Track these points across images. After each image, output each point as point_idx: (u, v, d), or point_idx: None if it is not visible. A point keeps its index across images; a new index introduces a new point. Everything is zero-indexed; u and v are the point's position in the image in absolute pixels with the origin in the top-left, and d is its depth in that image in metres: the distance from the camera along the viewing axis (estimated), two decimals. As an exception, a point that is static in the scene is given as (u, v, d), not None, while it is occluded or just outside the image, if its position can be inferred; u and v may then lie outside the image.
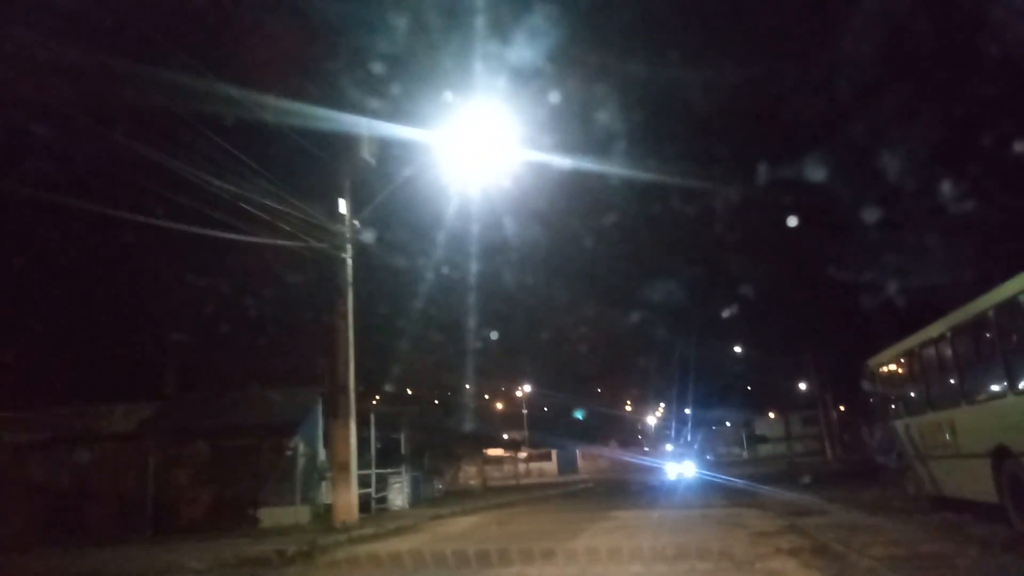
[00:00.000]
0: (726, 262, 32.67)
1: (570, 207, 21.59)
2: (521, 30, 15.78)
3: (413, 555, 8.91)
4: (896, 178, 18.07)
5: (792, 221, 22.29)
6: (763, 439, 61.97)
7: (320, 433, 15.16)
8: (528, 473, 49.38)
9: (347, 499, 12.09)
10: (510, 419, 56.28)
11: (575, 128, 17.97)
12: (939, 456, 9.77)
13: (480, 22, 13.39)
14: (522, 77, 14.98)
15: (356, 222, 13.02)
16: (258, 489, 14.45)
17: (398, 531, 12.44)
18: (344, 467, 12.13)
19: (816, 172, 17.95)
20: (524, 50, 15.57)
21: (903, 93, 19.36)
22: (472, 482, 30.21)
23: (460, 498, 22.46)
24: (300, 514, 14.03)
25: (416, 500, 19.77)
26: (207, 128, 10.67)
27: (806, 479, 16.26)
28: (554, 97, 15.64)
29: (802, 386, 46.73)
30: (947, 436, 9.28)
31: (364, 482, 16.29)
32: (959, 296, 9.39)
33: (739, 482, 22.78)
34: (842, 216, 21.75)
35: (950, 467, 9.44)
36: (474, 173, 13.71)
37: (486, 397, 59.56)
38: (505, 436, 52.36)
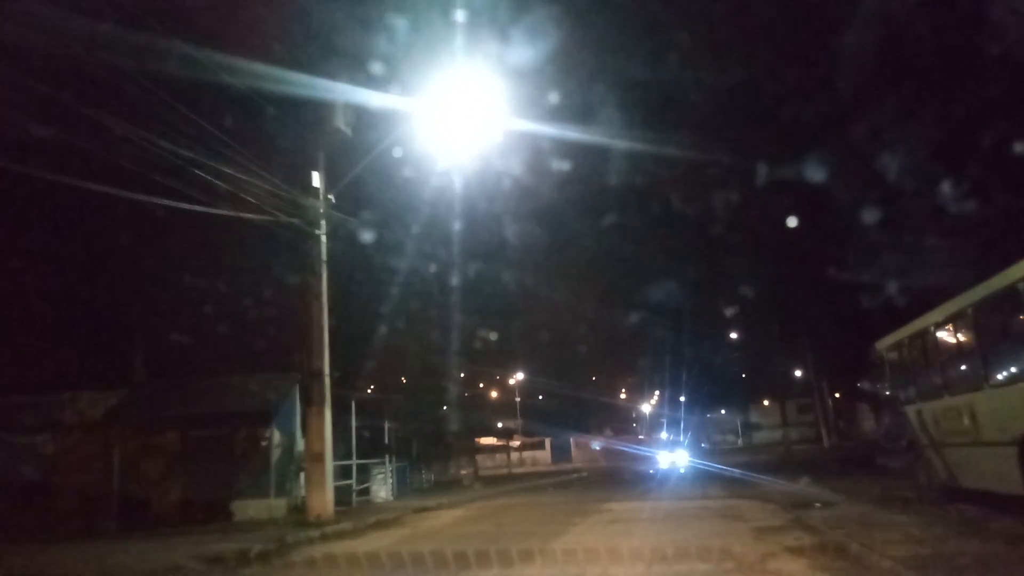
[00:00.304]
0: (723, 251, 32.17)
1: (562, 181, 20.81)
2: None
3: (385, 557, 8.16)
4: (892, 175, 18.37)
5: (791, 221, 22.27)
6: (758, 427, 61.71)
7: (298, 422, 14.37)
8: (521, 462, 48.82)
9: (321, 492, 11.33)
10: (504, 407, 55.71)
11: (568, 105, 17.20)
12: (956, 444, 9.05)
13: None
14: (513, 48, 14.16)
15: (331, 196, 12.17)
16: (232, 481, 13.68)
17: (377, 526, 11.70)
18: (318, 458, 11.36)
19: (813, 168, 18.19)
20: (516, 23, 14.79)
21: (902, 93, 19.15)
22: (463, 472, 29.51)
23: (449, 489, 21.80)
24: (275, 507, 13.27)
25: (402, 491, 19.06)
26: (167, 93, 9.85)
27: (805, 479, 15.69)
28: (547, 75, 14.87)
29: (797, 373, 46.28)
30: (966, 422, 8.56)
31: (345, 473, 15.58)
32: (954, 288, 9.00)
33: (735, 471, 22.14)
34: (839, 210, 21.61)
35: (969, 456, 8.72)
36: (460, 146, 12.90)
37: (481, 386, 59.07)
38: (500, 425, 51.79)
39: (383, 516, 12.82)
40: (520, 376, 52.94)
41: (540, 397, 60.12)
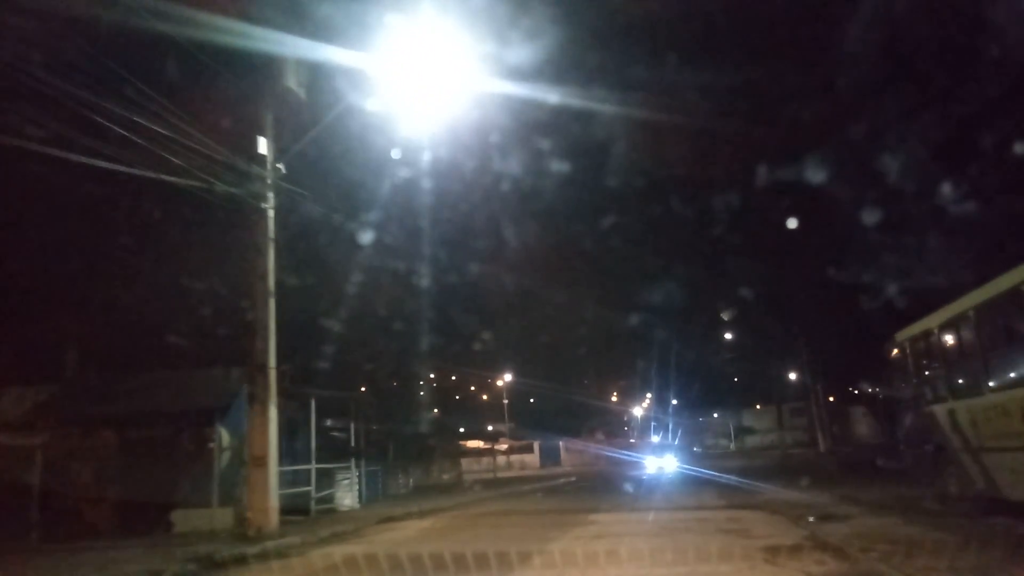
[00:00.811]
0: (720, 252, 31.09)
1: (552, 167, 19.37)
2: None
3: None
4: (892, 175, 18.02)
5: (791, 222, 21.66)
6: (751, 431, 60.58)
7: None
8: (509, 466, 47.37)
9: (264, 501, 9.84)
10: (492, 410, 54.26)
11: (563, 84, 15.81)
12: (1001, 448, 7.71)
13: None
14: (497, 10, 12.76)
15: (280, 166, 10.72)
16: (172, 488, 12.18)
17: (329, 540, 10.23)
18: (260, 462, 9.89)
19: (812, 169, 17.72)
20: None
21: (902, 94, 18.45)
22: (445, 476, 28.05)
23: (427, 495, 20.34)
24: (220, 518, 11.76)
25: (373, 498, 17.58)
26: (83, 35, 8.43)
27: (807, 485, 14.55)
28: (536, 64, 13.49)
29: (792, 376, 45.26)
30: (1015, 423, 7.22)
31: (304, 479, 14.13)
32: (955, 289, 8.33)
33: (730, 478, 20.81)
34: (837, 212, 20.80)
35: (1017, 462, 7.38)
36: (432, 113, 11.48)
37: (472, 389, 57.63)
38: (490, 428, 50.41)
39: (340, 528, 11.37)
40: (509, 378, 51.50)
41: (531, 400, 58.79)
